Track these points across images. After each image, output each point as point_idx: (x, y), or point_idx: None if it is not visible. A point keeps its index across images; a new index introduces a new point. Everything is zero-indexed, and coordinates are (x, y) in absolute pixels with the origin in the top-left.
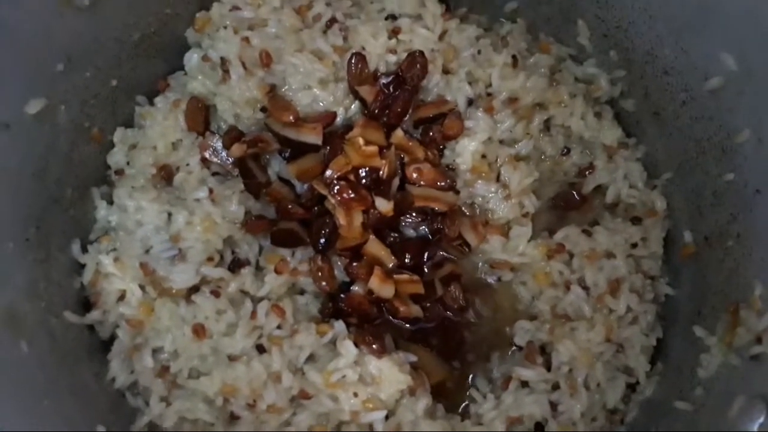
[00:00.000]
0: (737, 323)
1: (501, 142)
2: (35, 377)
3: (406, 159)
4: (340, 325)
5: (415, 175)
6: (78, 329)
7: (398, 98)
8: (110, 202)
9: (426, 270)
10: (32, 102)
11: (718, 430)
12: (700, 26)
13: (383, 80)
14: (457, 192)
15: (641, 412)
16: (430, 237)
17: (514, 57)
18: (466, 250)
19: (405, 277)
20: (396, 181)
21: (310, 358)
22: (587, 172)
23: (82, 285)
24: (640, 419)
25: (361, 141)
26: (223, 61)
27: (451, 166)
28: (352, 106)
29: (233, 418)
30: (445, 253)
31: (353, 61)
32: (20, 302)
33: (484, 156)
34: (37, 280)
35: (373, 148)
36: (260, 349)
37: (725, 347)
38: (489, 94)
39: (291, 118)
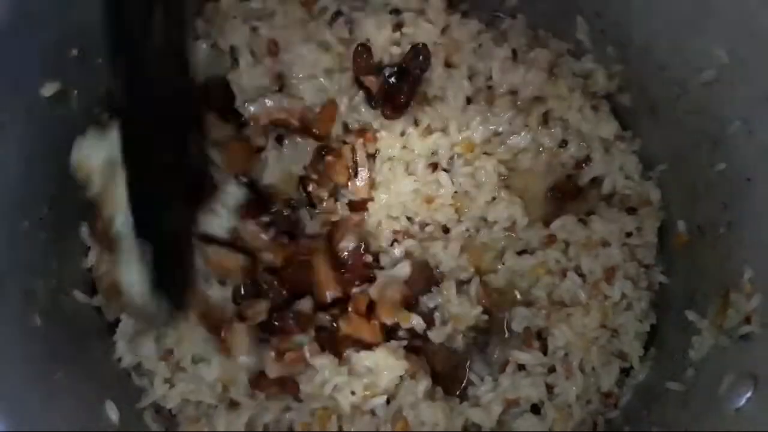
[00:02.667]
0: (728, 306)
1: (499, 134)
2: (48, 350)
3: None
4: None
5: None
6: (87, 308)
7: (401, 89)
8: None
9: None
10: (47, 85)
11: (708, 409)
12: (693, 21)
13: (387, 71)
14: None
15: (635, 395)
16: None
17: (514, 51)
18: None
19: None
20: None
21: None
22: (584, 164)
23: (91, 265)
24: (633, 403)
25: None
26: (233, 49)
27: None
28: (357, 96)
29: (233, 404)
30: None
31: (359, 51)
32: (34, 279)
33: None
34: (50, 258)
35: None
36: None
37: (716, 329)
38: (489, 87)
39: None
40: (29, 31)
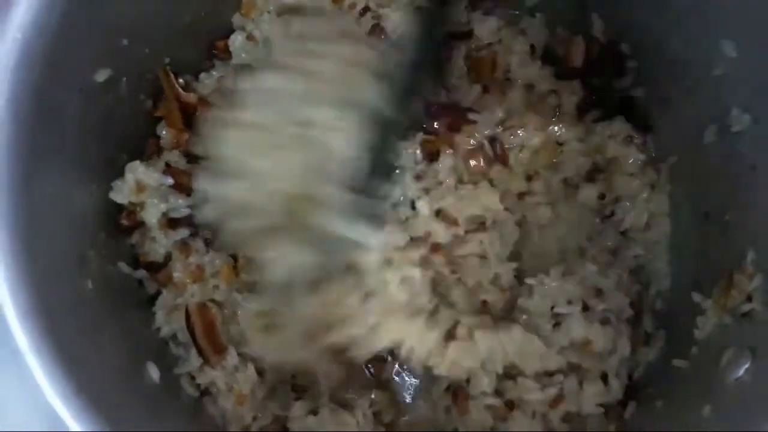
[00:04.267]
0: (731, 287)
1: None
2: (97, 312)
3: None
4: None
5: None
6: (130, 280)
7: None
8: None
9: None
10: (100, 71)
11: (710, 381)
12: (702, 15)
13: None
14: None
15: (644, 373)
16: None
17: (532, 46)
18: None
19: None
20: None
21: None
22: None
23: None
24: (641, 380)
25: None
26: (267, 40)
27: None
28: None
29: None
30: None
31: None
32: (87, 247)
33: None
34: (100, 230)
35: None
36: None
37: (720, 309)
38: (507, 79)
39: None
40: (86, 20)
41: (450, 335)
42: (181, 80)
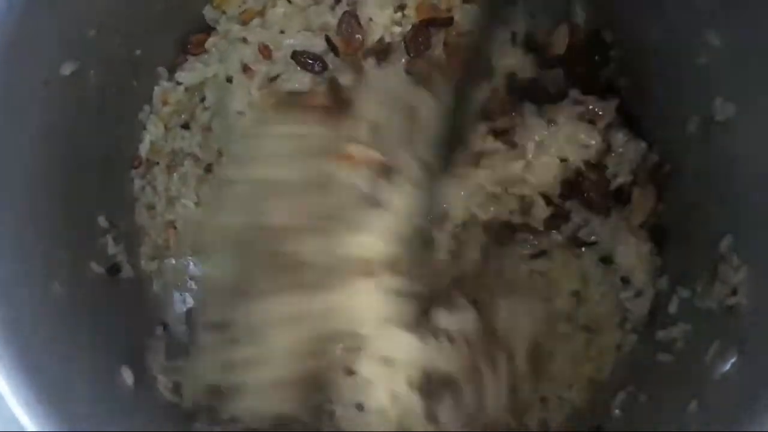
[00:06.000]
0: (716, 278)
1: None
2: (67, 314)
3: None
4: None
5: None
6: (101, 279)
7: None
8: None
9: None
10: (66, 64)
11: (695, 375)
12: (685, 5)
13: None
14: None
15: (624, 368)
16: None
17: (513, 34)
18: None
19: None
20: None
21: None
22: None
23: (104, 240)
24: (621, 375)
25: None
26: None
27: None
28: None
29: None
30: None
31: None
32: (54, 249)
33: None
34: (70, 231)
35: None
36: None
37: (705, 301)
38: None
39: None
40: (49, 11)
41: None
42: None
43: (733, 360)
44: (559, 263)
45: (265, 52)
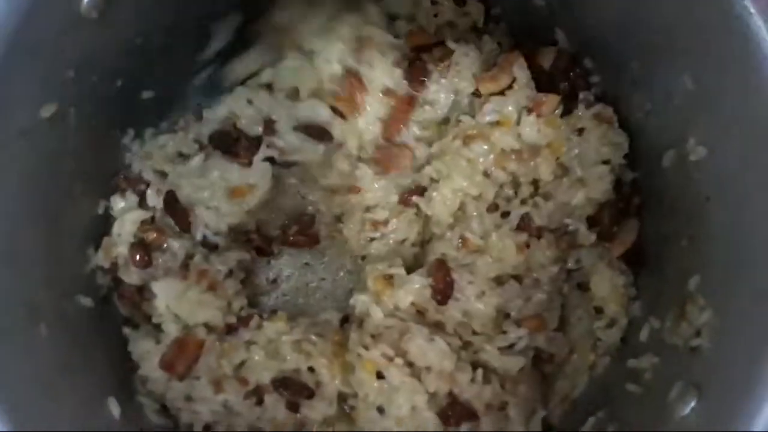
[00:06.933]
0: (683, 316)
1: None
2: (53, 356)
3: None
4: None
5: None
6: (89, 311)
7: None
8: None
9: None
10: (46, 107)
11: (659, 413)
12: (662, 46)
13: None
14: None
15: (597, 392)
16: None
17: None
18: None
19: None
20: None
21: None
22: None
23: (92, 270)
24: (593, 397)
25: None
26: None
27: None
28: None
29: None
30: None
31: None
32: (38, 290)
33: None
34: (52, 268)
35: None
36: None
37: (672, 338)
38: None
39: None
40: (28, 59)
41: None
42: None
43: (692, 404)
44: None
45: None
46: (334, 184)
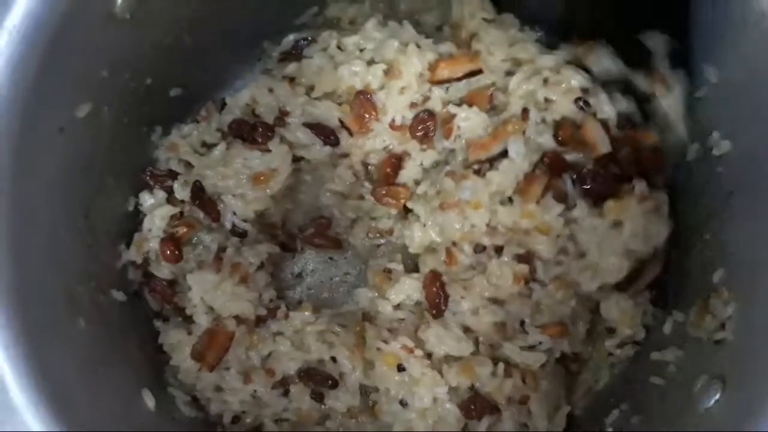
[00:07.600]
0: (707, 310)
1: None
2: (91, 348)
3: None
4: None
5: None
6: (122, 305)
7: None
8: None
9: None
10: (81, 107)
11: (683, 405)
12: (688, 36)
13: None
14: None
15: (620, 382)
16: None
17: None
18: None
19: None
20: None
21: None
22: None
23: (124, 265)
24: (617, 389)
25: None
26: None
27: None
28: None
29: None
30: None
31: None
32: (76, 284)
33: None
34: (88, 263)
35: None
36: None
37: (696, 331)
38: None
39: None
40: (66, 60)
41: None
42: None
43: (716, 397)
44: None
45: None
46: (342, 191)
